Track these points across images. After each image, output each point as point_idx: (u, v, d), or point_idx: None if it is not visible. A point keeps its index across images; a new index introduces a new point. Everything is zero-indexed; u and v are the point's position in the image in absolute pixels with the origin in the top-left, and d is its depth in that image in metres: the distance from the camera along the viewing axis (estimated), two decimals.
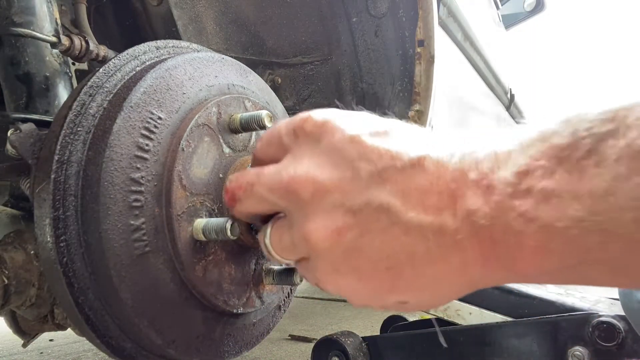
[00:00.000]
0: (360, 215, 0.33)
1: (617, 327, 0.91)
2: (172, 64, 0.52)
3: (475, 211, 0.31)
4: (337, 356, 1.23)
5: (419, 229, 0.32)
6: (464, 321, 1.18)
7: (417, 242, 0.32)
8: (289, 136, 0.39)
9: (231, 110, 0.55)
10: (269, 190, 0.38)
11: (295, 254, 0.39)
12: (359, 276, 0.35)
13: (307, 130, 0.38)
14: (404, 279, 0.34)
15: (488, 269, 0.32)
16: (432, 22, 0.98)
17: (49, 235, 0.46)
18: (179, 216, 0.48)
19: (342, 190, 0.34)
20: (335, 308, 2.84)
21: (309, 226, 0.35)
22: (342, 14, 1.07)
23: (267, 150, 0.42)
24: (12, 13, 0.61)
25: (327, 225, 0.34)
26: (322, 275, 0.37)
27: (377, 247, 0.33)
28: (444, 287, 0.34)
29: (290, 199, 0.37)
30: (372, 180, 0.33)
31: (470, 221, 0.31)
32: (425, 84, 1.02)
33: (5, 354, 2.04)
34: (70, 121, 0.49)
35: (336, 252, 0.34)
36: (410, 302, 0.36)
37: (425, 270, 0.33)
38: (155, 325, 0.48)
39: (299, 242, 0.37)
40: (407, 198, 0.32)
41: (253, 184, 0.40)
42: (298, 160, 0.37)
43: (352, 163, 0.34)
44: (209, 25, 1.08)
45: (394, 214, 0.32)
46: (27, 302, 0.64)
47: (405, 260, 0.33)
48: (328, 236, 0.34)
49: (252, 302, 0.56)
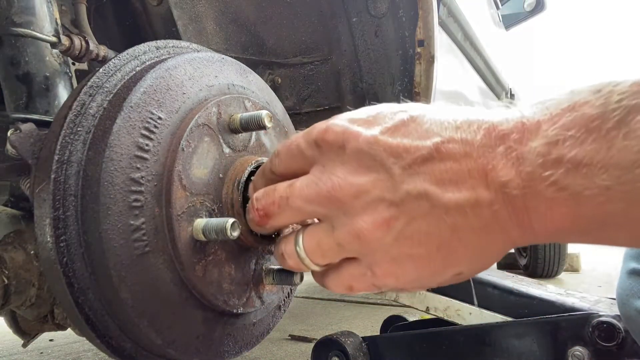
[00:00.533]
0: (402, 206, 0.36)
1: (617, 327, 0.91)
2: (172, 64, 0.52)
3: (507, 182, 0.33)
4: (337, 356, 1.23)
5: (457, 207, 0.34)
6: (464, 321, 1.18)
7: (458, 218, 0.34)
8: (311, 149, 0.40)
9: (231, 110, 0.55)
10: (307, 202, 0.39)
11: (337, 256, 0.40)
12: (414, 261, 0.37)
13: (330, 140, 0.39)
14: (455, 254, 0.36)
15: (524, 231, 0.34)
16: (432, 22, 0.98)
17: (49, 235, 0.46)
18: (179, 216, 0.48)
19: (380, 187, 0.36)
20: (335, 308, 2.84)
21: (357, 224, 0.37)
22: (342, 14, 1.07)
23: (289, 164, 0.43)
24: (12, 13, 0.61)
25: (375, 219, 0.36)
26: (379, 268, 0.38)
27: (424, 230, 0.35)
28: (491, 252, 0.37)
29: (332, 206, 0.38)
30: (405, 174, 0.36)
31: (503, 192, 0.33)
32: (425, 84, 1.02)
33: (5, 354, 2.04)
34: (70, 121, 0.49)
35: (389, 241, 0.36)
36: (465, 272, 0.38)
37: (472, 242, 0.35)
38: (155, 325, 0.48)
39: (349, 242, 0.38)
40: (441, 182, 0.35)
41: (287, 197, 0.40)
42: (330, 169, 0.38)
43: (383, 162, 0.36)
44: (209, 25, 1.08)
45: (432, 198, 0.35)
46: (27, 302, 0.64)
47: (451, 237, 0.35)
48: (378, 228, 0.36)
49: (252, 302, 0.56)
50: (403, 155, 0.36)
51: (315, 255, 0.41)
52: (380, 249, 0.37)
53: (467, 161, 0.34)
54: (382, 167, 0.36)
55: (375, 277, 0.39)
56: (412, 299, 1.28)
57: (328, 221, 0.39)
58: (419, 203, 0.35)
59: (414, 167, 0.35)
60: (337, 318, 2.53)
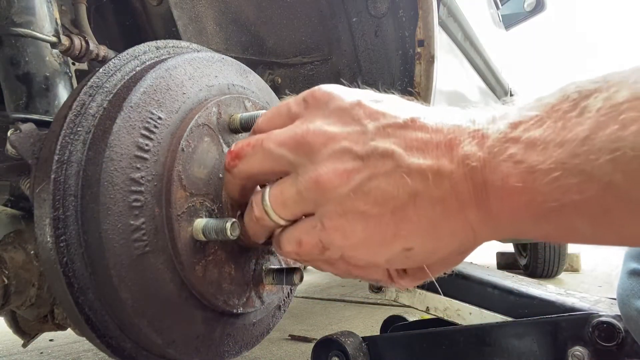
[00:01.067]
0: (367, 160, 0.37)
1: (617, 327, 0.91)
2: (172, 64, 0.52)
3: (469, 155, 0.34)
4: (337, 356, 1.23)
5: (420, 171, 0.35)
6: (464, 321, 1.18)
7: (418, 182, 0.35)
8: (298, 105, 0.42)
9: (231, 110, 0.55)
10: (280, 144, 0.40)
11: (298, 207, 0.40)
12: (366, 220, 0.37)
13: (317, 96, 0.41)
14: (409, 223, 0.36)
15: (481, 214, 0.35)
16: (432, 22, 0.98)
17: (49, 235, 0.46)
18: (179, 216, 0.48)
19: (350, 139, 0.37)
20: (335, 308, 2.85)
21: (319, 170, 0.37)
22: (342, 14, 1.07)
23: (274, 120, 0.44)
24: (12, 13, 0.61)
25: (336, 168, 0.37)
26: (329, 220, 0.38)
27: (383, 189, 0.36)
28: (445, 230, 0.36)
29: (301, 151, 0.39)
30: (377, 133, 0.37)
31: (464, 164, 0.34)
32: (425, 84, 1.02)
33: (5, 354, 2.04)
34: (70, 121, 0.49)
35: (345, 192, 0.37)
36: (416, 249, 0.37)
37: (427, 212, 0.36)
38: (155, 325, 0.48)
39: (307, 189, 0.38)
40: (409, 147, 0.36)
41: (262, 140, 0.42)
42: (309, 119, 0.40)
43: (360, 121, 0.38)
44: (209, 25, 1.08)
45: (397, 158, 0.36)
46: (27, 302, 0.64)
47: (408, 201, 0.36)
48: (337, 177, 0.37)
49: (252, 302, 0.56)
50: (380, 118, 0.38)
51: (277, 204, 0.41)
52: (334, 199, 0.37)
53: (438, 135, 0.36)
54: (357, 124, 0.38)
55: (323, 230, 0.39)
56: (412, 299, 1.28)
57: (294, 171, 0.40)
58: (384, 161, 0.36)
59: (387, 130, 0.37)
60: (337, 318, 2.53)
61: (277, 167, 0.42)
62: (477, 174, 0.34)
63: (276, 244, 0.44)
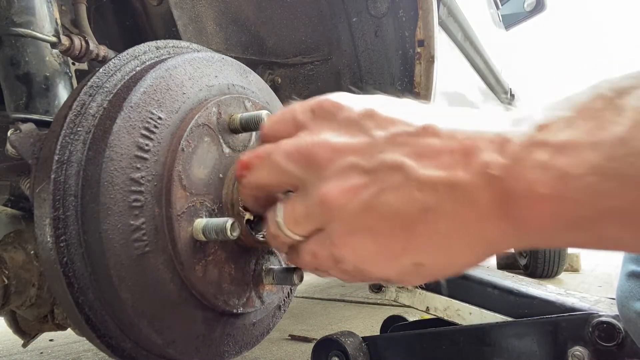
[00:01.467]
0: (375, 174, 0.35)
1: (617, 327, 0.91)
2: (172, 64, 0.52)
3: (489, 163, 0.31)
4: (337, 356, 1.23)
5: (431, 184, 0.33)
6: (464, 321, 1.18)
7: (429, 197, 0.33)
8: (305, 114, 0.40)
9: (231, 110, 0.55)
10: (286, 157, 0.39)
11: (309, 224, 0.39)
12: (374, 236, 0.35)
13: (325, 107, 0.39)
14: (419, 239, 0.34)
15: (503, 226, 0.32)
16: (432, 22, 0.98)
17: (49, 235, 0.46)
18: (179, 216, 0.48)
19: (357, 152, 0.36)
20: (335, 308, 2.84)
21: (325, 188, 0.36)
22: (342, 14, 1.07)
23: (280, 127, 0.43)
24: (12, 13, 0.61)
25: (342, 185, 0.35)
26: (337, 237, 0.37)
27: (391, 204, 0.34)
28: (459, 245, 0.34)
29: (308, 165, 0.37)
30: (387, 144, 0.35)
31: (483, 173, 0.31)
32: (425, 84, 1.02)
33: (5, 354, 2.04)
34: (70, 121, 0.49)
35: (351, 210, 0.35)
36: (427, 265, 0.35)
37: (439, 226, 0.33)
38: (155, 325, 0.48)
39: (314, 207, 0.37)
40: (420, 157, 0.34)
41: (270, 152, 0.41)
42: (316, 131, 0.38)
43: (369, 131, 0.36)
44: (209, 25, 1.08)
45: (407, 171, 0.33)
46: (27, 302, 0.64)
47: (418, 216, 0.33)
48: (343, 195, 0.35)
49: (252, 302, 0.56)
50: (390, 127, 0.36)
51: (289, 221, 0.40)
52: (341, 217, 0.36)
53: (452, 141, 0.33)
54: (365, 135, 0.36)
55: (333, 246, 0.38)
56: (412, 299, 1.28)
57: (303, 187, 0.39)
58: (392, 174, 0.34)
59: (397, 139, 0.35)
60: (337, 318, 2.53)
61: (286, 181, 0.41)
62: (499, 182, 0.31)
63: (295, 255, 0.44)
